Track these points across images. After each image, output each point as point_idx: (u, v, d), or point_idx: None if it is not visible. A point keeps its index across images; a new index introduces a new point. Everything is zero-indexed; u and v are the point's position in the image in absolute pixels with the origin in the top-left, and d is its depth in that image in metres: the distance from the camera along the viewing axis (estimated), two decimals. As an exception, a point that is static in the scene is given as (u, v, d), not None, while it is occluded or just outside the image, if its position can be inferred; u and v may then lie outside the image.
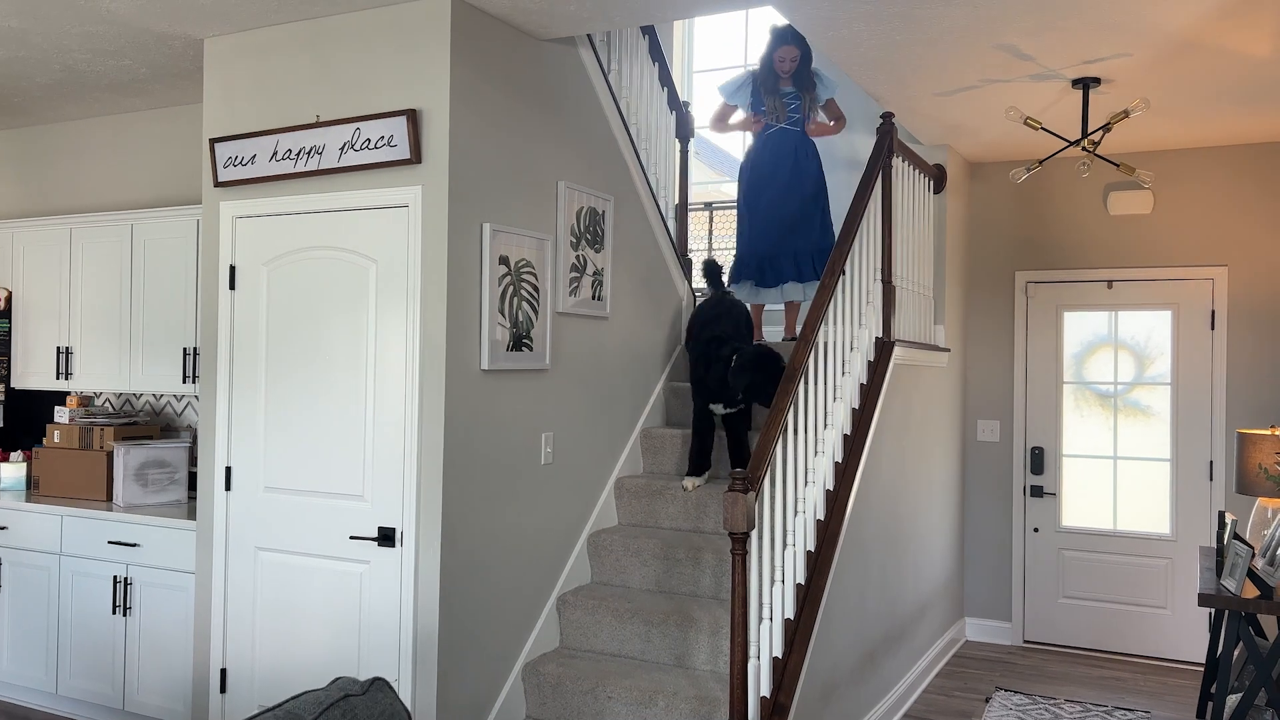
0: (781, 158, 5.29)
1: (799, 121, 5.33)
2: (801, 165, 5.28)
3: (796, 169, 5.27)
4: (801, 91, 5.32)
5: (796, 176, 5.26)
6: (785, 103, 5.29)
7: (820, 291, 4.07)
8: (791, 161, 5.28)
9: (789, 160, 5.28)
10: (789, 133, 5.31)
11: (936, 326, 5.59)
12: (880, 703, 4.51)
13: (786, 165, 5.28)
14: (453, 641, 3.51)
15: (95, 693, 4.46)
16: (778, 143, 5.30)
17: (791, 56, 5.25)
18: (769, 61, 5.31)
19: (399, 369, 3.58)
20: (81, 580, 4.50)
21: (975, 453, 6.14)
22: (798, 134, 5.31)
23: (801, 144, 5.32)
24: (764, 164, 5.33)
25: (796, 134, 5.31)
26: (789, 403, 3.66)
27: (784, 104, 5.29)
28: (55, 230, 5.12)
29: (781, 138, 5.31)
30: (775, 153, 5.30)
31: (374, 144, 3.57)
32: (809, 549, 3.79)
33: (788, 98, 5.30)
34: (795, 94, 5.30)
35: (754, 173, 5.38)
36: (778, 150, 5.29)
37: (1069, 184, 5.89)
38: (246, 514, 3.91)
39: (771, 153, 5.31)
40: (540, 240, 3.92)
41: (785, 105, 5.29)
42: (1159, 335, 5.76)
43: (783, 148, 5.29)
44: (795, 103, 5.29)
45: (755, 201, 5.34)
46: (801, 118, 5.34)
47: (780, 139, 5.31)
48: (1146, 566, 5.75)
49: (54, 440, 4.88)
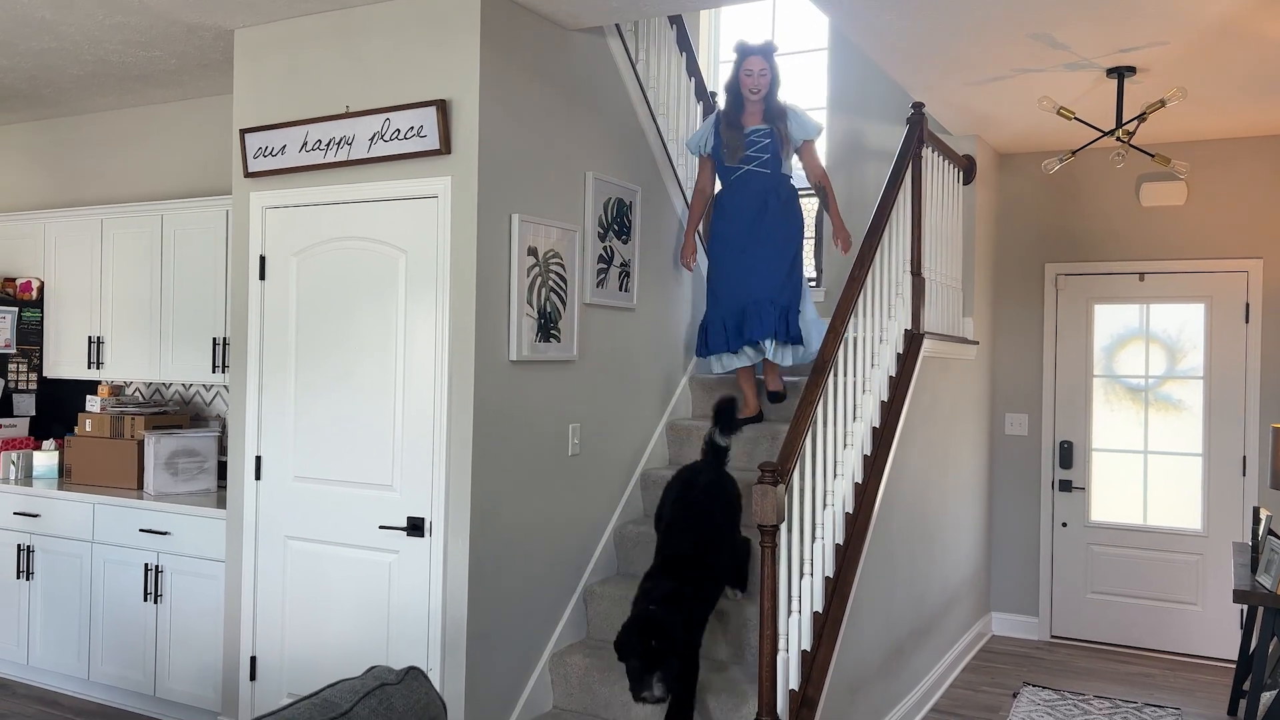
0: (747, 204, 4.47)
1: (770, 163, 4.49)
2: (772, 211, 4.46)
3: (765, 216, 4.45)
4: (772, 125, 4.51)
5: (764, 224, 4.45)
6: (753, 140, 4.48)
7: (849, 284, 4.04)
8: (759, 206, 4.46)
9: (755, 205, 4.46)
10: (757, 176, 4.48)
11: (965, 319, 5.54)
12: (907, 696, 4.48)
13: (751, 212, 4.47)
14: (481, 631, 3.52)
15: (127, 679, 4.51)
16: (743, 187, 4.50)
17: (759, 68, 4.45)
18: (734, 84, 4.53)
19: (428, 359, 3.58)
20: (113, 568, 4.55)
21: (1003, 446, 6.09)
22: (769, 176, 4.48)
23: (774, 187, 4.48)
24: (728, 213, 4.52)
25: (767, 176, 4.48)
26: (818, 395, 3.64)
27: (742, 141, 4.48)
28: (86, 221, 5.16)
29: (749, 182, 4.49)
30: (741, 198, 4.49)
31: (404, 134, 3.57)
32: (838, 542, 3.77)
33: (756, 135, 4.49)
34: (766, 130, 4.50)
35: (717, 224, 4.58)
36: (743, 195, 4.49)
37: (1100, 175, 5.82)
38: (276, 503, 3.93)
39: (736, 199, 4.50)
40: (568, 231, 3.91)
41: (747, 142, 4.49)
42: (1191, 328, 5.69)
43: (749, 191, 4.48)
44: (765, 140, 4.48)
45: (720, 258, 4.55)
46: (774, 157, 4.49)
47: (747, 183, 4.49)
48: (1177, 562, 5.69)
49: (85, 429, 4.92)
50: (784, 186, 4.54)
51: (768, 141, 4.49)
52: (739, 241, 4.47)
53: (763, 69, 4.47)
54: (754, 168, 4.49)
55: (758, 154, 4.50)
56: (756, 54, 4.47)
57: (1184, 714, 4.72)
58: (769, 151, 4.50)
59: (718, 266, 4.56)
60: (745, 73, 4.48)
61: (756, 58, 4.47)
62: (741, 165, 4.50)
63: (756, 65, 4.47)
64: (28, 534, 4.80)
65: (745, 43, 4.54)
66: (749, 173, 4.49)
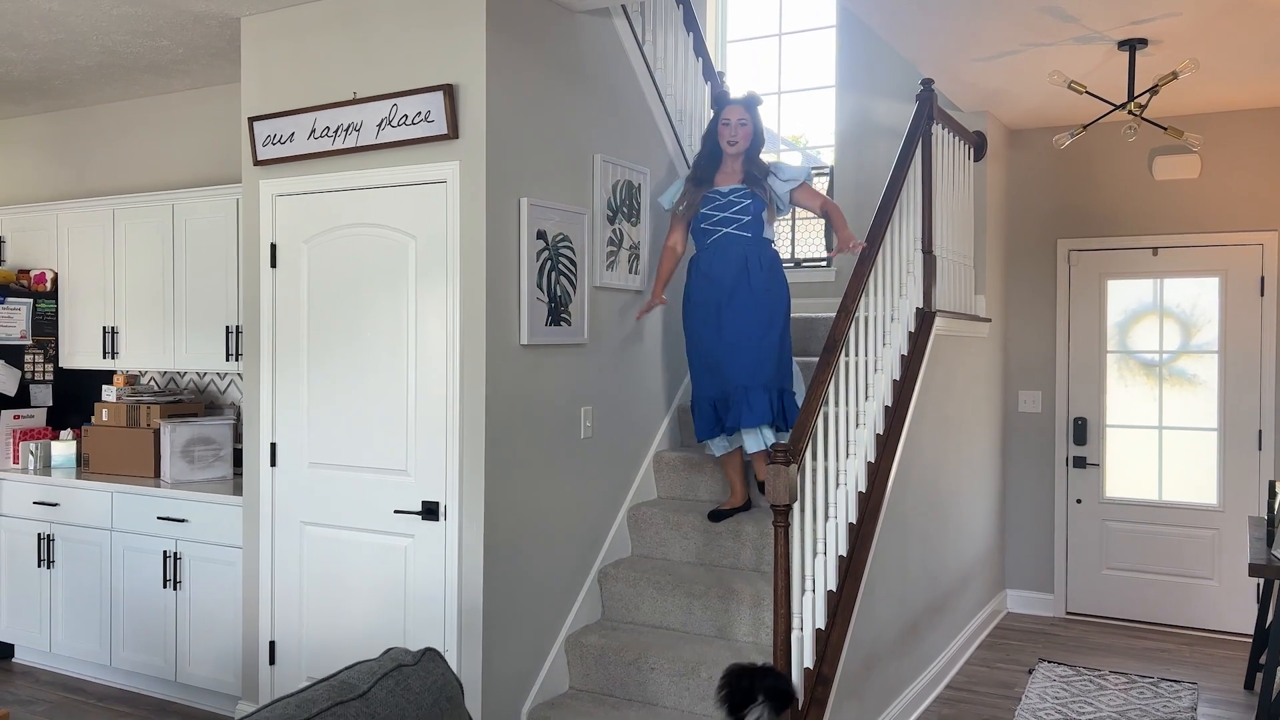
0: (725, 269, 4.06)
1: (751, 225, 4.07)
2: (754, 278, 4.05)
3: (745, 283, 4.04)
4: (752, 184, 4.10)
5: (745, 293, 4.04)
6: (732, 200, 4.10)
7: (860, 262, 4.03)
8: (738, 272, 4.05)
9: (734, 271, 4.05)
10: (736, 240, 4.07)
11: (977, 296, 5.52)
12: (922, 674, 4.50)
13: (729, 279, 4.05)
14: (497, 614, 3.55)
15: (148, 665, 4.56)
16: (721, 251, 4.08)
17: (739, 117, 4.08)
18: (711, 135, 4.15)
19: (439, 344, 3.59)
20: (132, 555, 4.59)
21: (1017, 423, 6.07)
22: (749, 241, 4.07)
23: (755, 252, 4.07)
24: (703, 280, 4.12)
25: (747, 241, 4.07)
26: (830, 375, 3.64)
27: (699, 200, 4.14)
28: (98, 211, 5.18)
29: (727, 246, 4.08)
30: (718, 263, 4.08)
31: (411, 120, 3.57)
32: (851, 521, 3.77)
33: (735, 195, 4.10)
34: (745, 191, 4.10)
35: (692, 292, 4.17)
36: (721, 259, 4.08)
37: (1112, 149, 5.77)
38: (292, 489, 3.96)
39: (713, 263, 4.09)
40: (577, 214, 3.91)
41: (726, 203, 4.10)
42: (1206, 302, 5.65)
43: (727, 256, 4.07)
44: (745, 200, 4.09)
45: (697, 332, 4.15)
46: (755, 220, 4.07)
47: (725, 247, 4.08)
48: (1192, 537, 5.68)
49: (102, 418, 4.97)
50: (766, 251, 4.11)
51: (748, 203, 4.09)
52: (717, 313, 4.06)
53: (742, 119, 4.09)
54: (733, 230, 4.08)
55: (737, 215, 4.09)
56: (737, 104, 4.11)
57: (1200, 688, 4.72)
58: (749, 213, 4.08)
59: (695, 341, 4.17)
60: (723, 122, 4.11)
61: (736, 107, 4.11)
62: (719, 227, 4.10)
63: (735, 115, 4.10)
64: (48, 523, 4.85)
65: (726, 92, 4.20)
66: (727, 236, 4.08)
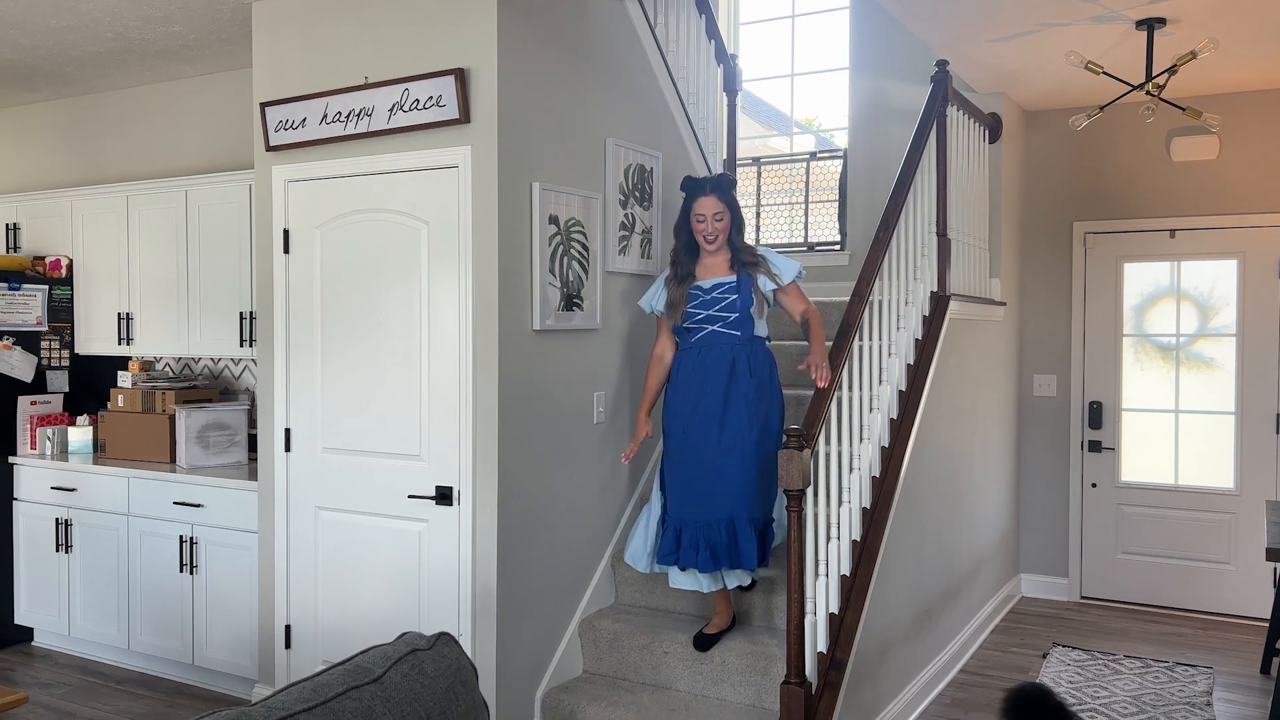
0: (710, 373, 3.60)
1: (740, 322, 3.61)
2: (741, 383, 3.58)
3: (733, 390, 3.58)
4: (740, 275, 3.66)
5: (734, 402, 3.57)
6: (716, 296, 3.64)
7: (874, 246, 4.00)
8: (725, 377, 3.59)
9: (720, 376, 3.59)
10: (723, 338, 3.61)
11: (992, 280, 5.48)
12: (936, 658, 4.49)
13: (716, 385, 3.59)
14: (511, 598, 3.56)
15: (165, 648, 4.60)
16: (705, 352, 3.63)
17: (714, 211, 3.62)
18: (684, 229, 3.72)
19: (452, 330, 3.59)
20: (149, 540, 4.62)
21: (1031, 408, 6.04)
22: (737, 340, 3.61)
23: (745, 352, 3.61)
24: (685, 385, 3.65)
25: (735, 340, 3.61)
26: (844, 358, 3.62)
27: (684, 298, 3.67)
28: (112, 198, 5.20)
29: (712, 346, 3.62)
30: (702, 365, 3.62)
31: (423, 104, 3.56)
32: (865, 506, 3.76)
33: (720, 290, 3.64)
34: (731, 284, 3.65)
35: (673, 398, 3.70)
36: (705, 362, 3.62)
37: (1129, 131, 5.72)
38: (306, 474, 3.97)
39: (697, 366, 3.64)
40: (589, 199, 3.90)
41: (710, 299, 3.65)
42: (1224, 285, 5.60)
43: (712, 358, 3.61)
44: (731, 296, 3.63)
45: (677, 447, 3.65)
46: (743, 316, 3.61)
47: (709, 347, 3.62)
48: (1208, 521, 5.64)
49: (118, 404, 4.99)
50: (759, 352, 3.65)
51: (734, 298, 3.63)
52: (700, 424, 3.59)
53: (718, 213, 3.64)
54: (719, 328, 3.62)
55: (722, 312, 3.63)
56: (709, 195, 3.64)
57: (1216, 673, 4.70)
58: (736, 309, 3.63)
59: (675, 456, 3.65)
60: (697, 218, 3.66)
61: (709, 199, 3.64)
62: (703, 325, 3.64)
63: (710, 209, 3.64)
64: (65, 508, 4.89)
65: (692, 178, 3.74)
66: (713, 334, 3.62)
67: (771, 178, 6.67)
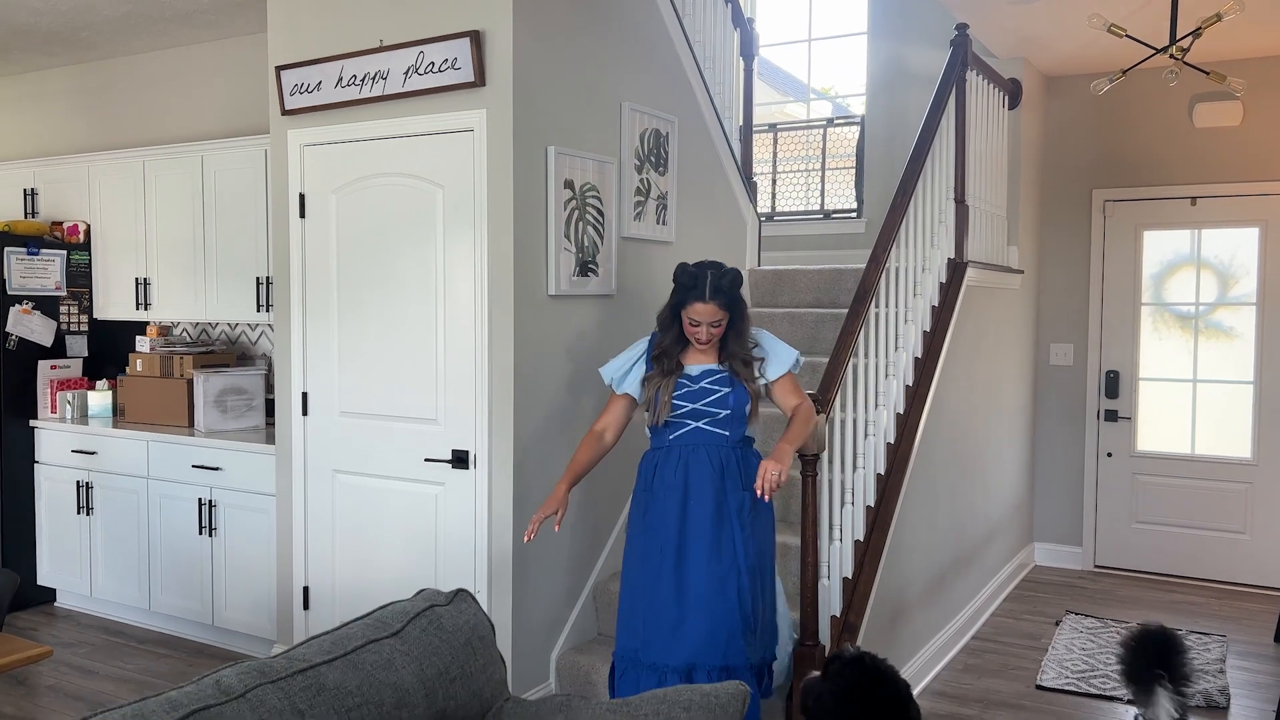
0: (696, 484, 2.99)
1: (730, 421, 3.03)
2: (731, 497, 2.99)
3: (726, 502, 2.99)
4: (732, 368, 3.06)
5: (726, 517, 2.99)
6: (706, 388, 3.04)
7: (891, 212, 3.98)
8: (713, 489, 2.99)
9: (708, 488, 2.99)
10: (710, 439, 3.02)
11: (1010, 248, 5.44)
12: (949, 624, 4.51)
13: (704, 499, 2.98)
14: (527, 561, 3.59)
15: (186, 609, 4.66)
16: (688, 455, 3.02)
17: (711, 319, 2.99)
18: (675, 321, 3.09)
19: (468, 294, 3.60)
20: (169, 502, 4.68)
21: (1048, 377, 6.02)
22: (726, 441, 3.02)
23: (736, 457, 3.03)
24: (662, 495, 3.03)
25: (724, 441, 3.02)
26: (859, 325, 3.61)
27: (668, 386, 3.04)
28: (128, 163, 5.21)
29: (696, 448, 3.02)
30: (684, 472, 3.01)
31: (438, 67, 3.54)
32: (879, 471, 3.77)
33: (710, 381, 3.05)
34: (724, 376, 3.05)
35: (647, 512, 3.07)
36: (688, 468, 3.01)
37: (1151, 97, 5.64)
38: (323, 438, 4.00)
39: (677, 473, 3.01)
40: (604, 163, 3.88)
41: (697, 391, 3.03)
42: (1244, 253, 5.54)
43: (698, 462, 3.01)
44: (723, 390, 3.03)
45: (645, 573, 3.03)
46: (735, 414, 3.03)
47: (693, 450, 3.02)
48: (1225, 491, 5.62)
49: (136, 369, 5.03)
50: (750, 458, 3.07)
51: (727, 392, 3.03)
52: (679, 550, 2.98)
53: (716, 321, 3.01)
54: (705, 425, 3.02)
55: (711, 407, 3.02)
56: (707, 301, 2.98)
57: (1229, 641, 4.70)
58: (728, 405, 3.02)
59: (644, 582, 3.02)
60: (690, 321, 3.03)
61: (709, 307, 2.99)
62: (687, 420, 3.03)
63: (707, 316, 3.00)
64: (86, 470, 4.94)
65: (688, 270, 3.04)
66: (697, 432, 3.02)
67: (788, 144, 6.62)
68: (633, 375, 3.15)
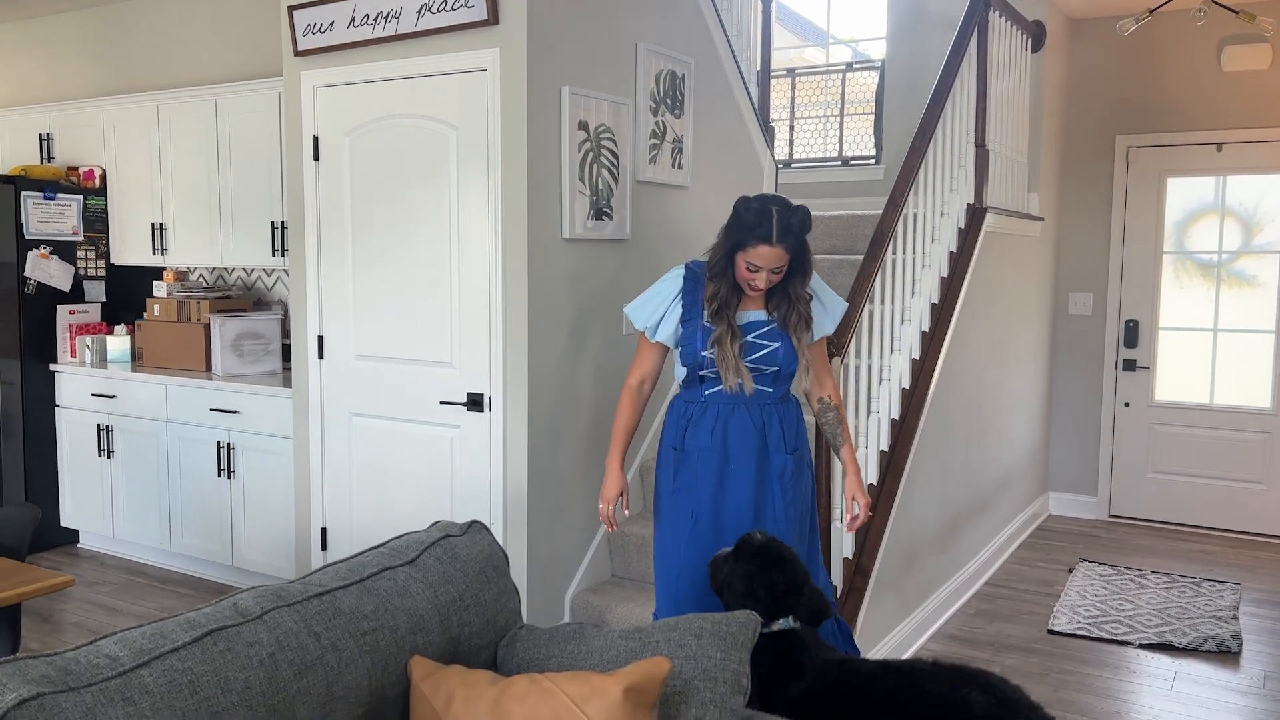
0: (733, 445, 2.74)
1: (776, 378, 2.75)
2: (775, 461, 2.76)
3: (767, 467, 2.76)
4: (784, 321, 2.75)
5: (766, 484, 2.76)
6: (752, 342, 2.72)
7: (910, 155, 3.92)
8: (755, 453, 2.74)
9: (749, 449, 2.74)
10: (758, 396, 2.74)
11: (1030, 194, 5.37)
12: (961, 570, 4.53)
13: (746, 461, 2.74)
14: (541, 503, 3.61)
15: (206, 550, 4.73)
16: (726, 413, 2.74)
17: (774, 264, 2.64)
18: (728, 266, 2.72)
19: (482, 237, 3.58)
20: (188, 445, 4.72)
21: (1066, 325, 5.97)
22: (768, 399, 2.75)
23: (775, 417, 2.77)
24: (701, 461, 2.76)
25: (766, 399, 2.75)
26: (876, 269, 3.58)
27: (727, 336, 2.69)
28: (142, 107, 5.19)
29: (737, 405, 2.74)
30: (725, 430, 2.74)
31: (451, 5, 3.50)
32: (894, 417, 3.76)
33: (760, 334, 2.73)
34: (774, 329, 2.74)
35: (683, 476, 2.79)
36: (725, 429, 2.74)
37: (1178, 39, 5.52)
38: (339, 381, 4.02)
39: (716, 430, 2.75)
40: (619, 105, 3.84)
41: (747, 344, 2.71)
42: (1270, 200, 5.46)
43: (736, 425, 2.74)
44: (770, 344, 2.72)
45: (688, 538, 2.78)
46: (783, 371, 2.74)
47: (733, 407, 2.74)
48: (1243, 441, 5.59)
49: (154, 314, 5.06)
50: (790, 413, 2.81)
51: (776, 346, 2.73)
52: (714, 518, 2.76)
53: (778, 267, 2.66)
54: (754, 382, 2.73)
55: (758, 364, 2.72)
56: (775, 244, 2.61)
57: (1243, 588, 4.71)
58: (776, 361, 2.73)
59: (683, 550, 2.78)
60: (749, 266, 2.66)
61: (776, 250, 2.62)
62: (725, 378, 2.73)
63: (770, 260, 2.64)
64: (106, 414, 5.00)
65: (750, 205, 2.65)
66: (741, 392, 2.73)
67: (806, 90, 6.53)
68: (666, 322, 2.80)
